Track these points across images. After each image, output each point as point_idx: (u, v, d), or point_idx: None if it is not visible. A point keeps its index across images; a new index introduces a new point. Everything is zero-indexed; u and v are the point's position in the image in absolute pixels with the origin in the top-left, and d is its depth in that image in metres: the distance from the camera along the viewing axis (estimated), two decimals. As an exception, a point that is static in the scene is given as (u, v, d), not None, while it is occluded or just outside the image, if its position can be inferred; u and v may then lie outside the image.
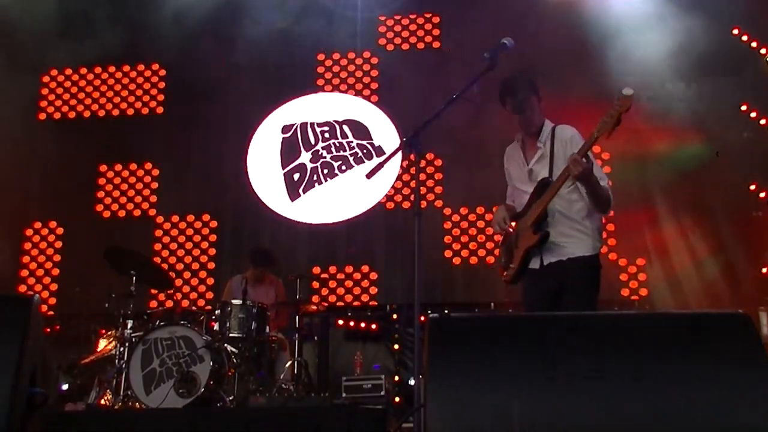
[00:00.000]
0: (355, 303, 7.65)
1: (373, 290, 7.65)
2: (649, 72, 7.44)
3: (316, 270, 7.62)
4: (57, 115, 8.48)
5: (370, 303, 7.63)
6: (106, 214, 8.10)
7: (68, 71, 8.55)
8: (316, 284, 7.49)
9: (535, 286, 3.91)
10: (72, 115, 8.47)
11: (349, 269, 7.71)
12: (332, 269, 7.70)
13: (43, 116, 8.47)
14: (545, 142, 3.98)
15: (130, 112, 8.44)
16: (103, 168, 8.23)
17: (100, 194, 8.16)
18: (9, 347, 2.32)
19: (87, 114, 8.46)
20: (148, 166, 8.24)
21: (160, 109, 8.44)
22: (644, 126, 7.45)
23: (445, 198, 7.81)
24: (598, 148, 6.78)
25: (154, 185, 8.19)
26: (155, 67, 8.52)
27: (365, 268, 7.69)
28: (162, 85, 8.50)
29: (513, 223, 4.00)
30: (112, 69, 8.53)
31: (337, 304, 7.61)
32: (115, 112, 8.44)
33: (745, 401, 2.03)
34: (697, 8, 7.18)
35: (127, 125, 8.39)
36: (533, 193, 3.92)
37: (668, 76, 7.42)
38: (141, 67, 8.52)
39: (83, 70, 8.55)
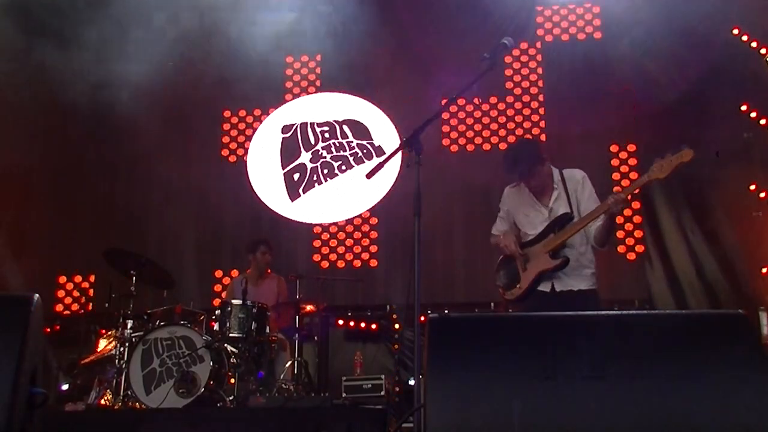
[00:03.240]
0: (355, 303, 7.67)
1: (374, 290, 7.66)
2: (647, 71, 7.46)
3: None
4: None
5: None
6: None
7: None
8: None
9: (543, 309, 4.04)
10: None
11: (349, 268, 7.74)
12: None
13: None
14: (558, 183, 4.22)
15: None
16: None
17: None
18: (9, 347, 2.32)
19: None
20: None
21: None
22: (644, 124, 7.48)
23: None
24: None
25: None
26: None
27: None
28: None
29: (521, 249, 4.23)
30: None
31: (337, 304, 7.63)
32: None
33: (745, 401, 2.03)
34: (698, 8, 7.17)
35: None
36: (551, 224, 4.14)
37: (668, 75, 7.41)
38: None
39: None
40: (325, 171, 8.02)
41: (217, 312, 5.70)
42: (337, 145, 8.08)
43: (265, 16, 8.04)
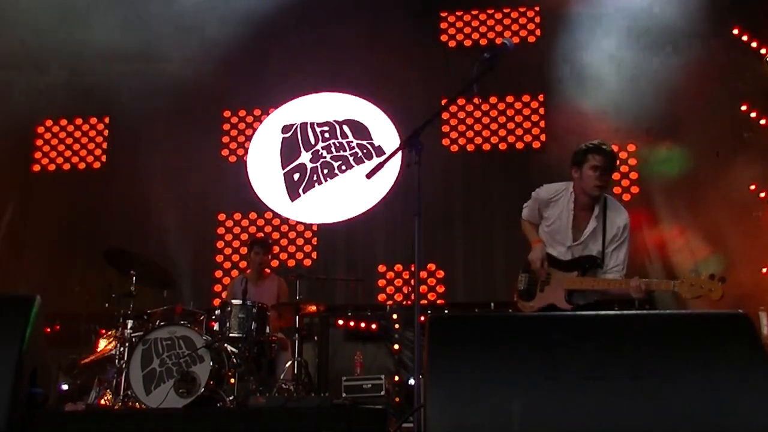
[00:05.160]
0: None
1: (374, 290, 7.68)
2: (647, 71, 7.48)
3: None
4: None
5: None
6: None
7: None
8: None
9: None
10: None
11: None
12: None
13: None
14: (597, 216, 4.06)
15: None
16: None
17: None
18: (9, 347, 2.32)
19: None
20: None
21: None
22: (644, 125, 7.49)
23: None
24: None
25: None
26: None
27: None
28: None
29: (546, 267, 4.11)
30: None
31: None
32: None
33: (745, 401, 2.03)
34: (698, 7, 7.18)
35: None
36: (579, 261, 4.03)
37: (667, 75, 7.41)
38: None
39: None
40: (325, 171, 8.02)
41: (217, 312, 5.69)
42: (337, 145, 8.08)
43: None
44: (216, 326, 5.62)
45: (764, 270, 6.84)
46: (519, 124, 7.82)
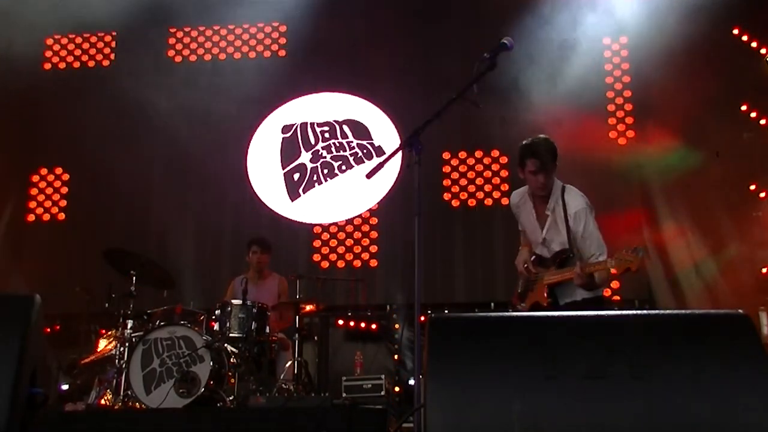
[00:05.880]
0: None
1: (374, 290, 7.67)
2: (648, 71, 7.48)
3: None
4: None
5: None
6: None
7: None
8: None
9: None
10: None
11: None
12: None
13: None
14: (553, 208, 4.06)
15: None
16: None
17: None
18: (9, 347, 2.32)
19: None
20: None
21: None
22: (644, 125, 7.50)
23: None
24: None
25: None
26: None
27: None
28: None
29: (533, 269, 4.17)
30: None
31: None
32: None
33: (745, 401, 2.03)
34: (698, 8, 7.18)
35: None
36: (553, 256, 4.08)
37: (667, 75, 7.41)
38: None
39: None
40: (325, 171, 8.02)
41: (217, 312, 5.70)
42: (337, 145, 8.08)
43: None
44: (216, 326, 5.62)
45: (764, 270, 6.84)
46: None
